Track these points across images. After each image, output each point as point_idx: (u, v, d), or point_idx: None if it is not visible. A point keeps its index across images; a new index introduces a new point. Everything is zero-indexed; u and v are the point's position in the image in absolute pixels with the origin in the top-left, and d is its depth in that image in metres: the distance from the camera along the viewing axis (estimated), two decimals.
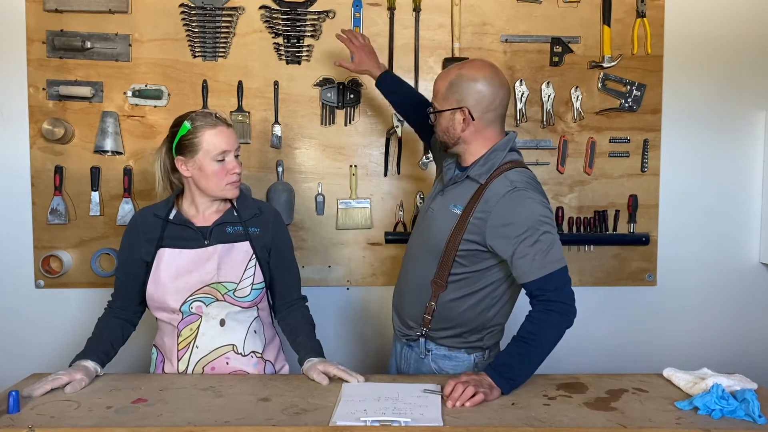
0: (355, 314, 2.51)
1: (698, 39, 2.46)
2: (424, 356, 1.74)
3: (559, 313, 1.53)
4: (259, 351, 1.71)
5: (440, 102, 1.66)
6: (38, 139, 2.33)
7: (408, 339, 1.78)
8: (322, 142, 2.41)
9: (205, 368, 1.66)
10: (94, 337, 1.67)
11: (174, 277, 1.62)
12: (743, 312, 2.55)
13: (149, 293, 1.64)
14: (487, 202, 1.58)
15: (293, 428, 1.29)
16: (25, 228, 2.36)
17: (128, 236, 1.70)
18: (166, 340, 1.69)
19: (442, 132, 1.67)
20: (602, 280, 2.48)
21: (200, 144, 1.59)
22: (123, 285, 1.72)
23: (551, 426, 1.31)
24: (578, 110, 2.42)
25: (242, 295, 1.64)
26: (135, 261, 1.67)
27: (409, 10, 2.39)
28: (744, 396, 1.38)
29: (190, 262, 1.63)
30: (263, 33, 2.37)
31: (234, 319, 1.67)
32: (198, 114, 1.63)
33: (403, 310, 1.79)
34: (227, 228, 1.67)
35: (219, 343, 1.66)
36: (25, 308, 2.40)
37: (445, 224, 1.64)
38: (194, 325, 1.65)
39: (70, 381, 1.50)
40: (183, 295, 1.62)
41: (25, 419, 1.32)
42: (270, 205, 1.84)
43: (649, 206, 2.47)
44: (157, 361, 1.73)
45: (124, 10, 2.31)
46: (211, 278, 1.62)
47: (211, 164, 1.59)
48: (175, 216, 1.67)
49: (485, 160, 1.63)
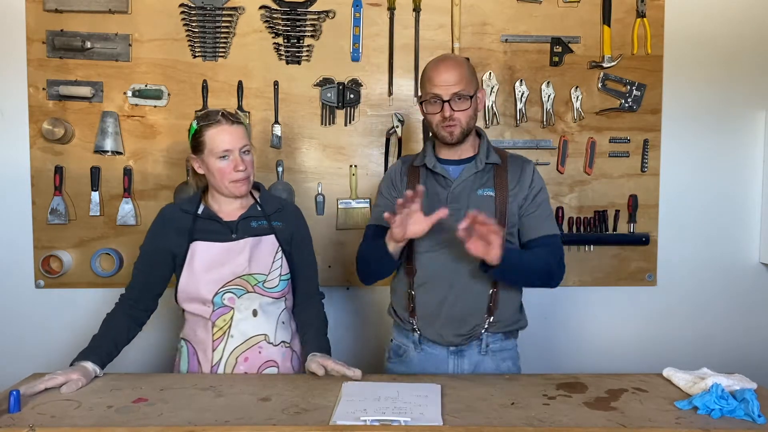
0: (356, 314, 2.51)
1: (698, 39, 2.47)
2: (485, 353, 1.74)
3: (562, 265, 1.71)
4: (287, 341, 1.76)
5: (467, 86, 1.65)
6: (38, 139, 2.33)
7: (463, 341, 1.73)
8: (322, 142, 2.41)
9: (239, 358, 1.69)
10: (99, 336, 1.66)
11: (207, 269, 1.67)
12: (743, 312, 2.55)
13: (182, 284, 1.68)
14: (516, 175, 1.72)
15: (293, 428, 1.29)
16: (25, 228, 2.36)
17: (156, 229, 1.74)
18: (199, 332, 1.72)
19: (469, 118, 1.68)
20: (602, 280, 2.48)
21: (205, 143, 1.64)
22: (143, 276, 1.73)
23: (551, 426, 1.31)
24: (578, 110, 2.42)
25: (271, 286, 1.71)
26: (161, 252, 1.71)
27: (409, 10, 2.40)
28: (743, 396, 1.38)
29: (221, 255, 1.69)
30: (263, 33, 2.37)
31: (265, 310, 1.72)
32: (205, 113, 1.69)
33: (455, 316, 1.72)
34: (252, 222, 1.73)
35: (253, 332, 1.70)
36: (25, 308, 2.40)
37: (484, 209, 1.62)
38: (227, 315, 1.69)
39: (66, 381, 1.50)
40: (216, 286, 1.67)
41: (26, 419, 1.32)
42: (291, 202, 1.90)
43: (649, 206, 2.47)
44: (188, 354, 1.74)
45: (124, 10, 2.32)
46: (242, 270, 1.68)
47: (216, 162, 1.64)
48: (203, 211, 1.73)
49: (490, 146, 1.76)
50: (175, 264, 1.72)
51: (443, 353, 1.76)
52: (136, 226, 2.37)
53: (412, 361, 1.80)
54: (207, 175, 1.69)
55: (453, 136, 1.67)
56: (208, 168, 1.66)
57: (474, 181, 1.72)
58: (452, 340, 1.74)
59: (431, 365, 1.77)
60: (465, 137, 1.70)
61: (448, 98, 1.63)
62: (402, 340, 1.84)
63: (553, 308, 2.49)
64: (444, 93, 1.64)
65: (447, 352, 1.76)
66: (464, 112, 1.66)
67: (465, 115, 1.66)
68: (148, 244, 1.75)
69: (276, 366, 1.73)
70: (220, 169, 1.64)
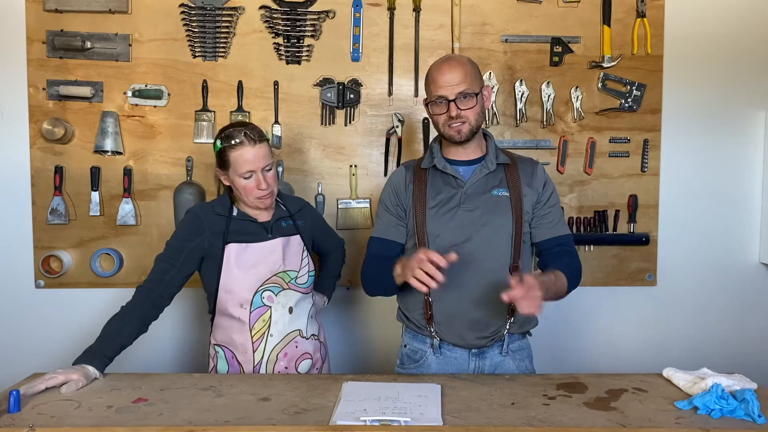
0: (356, 314, 2.51)
1: (698, 39, 2.47)
2: (506, 354, 1.74)
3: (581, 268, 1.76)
4: (316, 333, 1.88)
5: (472, 84, 1.66)
6: (38, 139, 2.33)
7: (487, 342, 1.72)
8: (322, 142, 2.41)
9: (279, 354, 1.77)
10: (106, 337, 1.63)
11: (246, 270, 1.75)
12: (743, 312, 2.55)
13: (223, 286, 1.75)
14: (527, 175, 1.74)
15: (293, 428, 1.29)
16: (25, 228, 2.36)
17: (191, 227, 1.77)
18: (236, 336, 1.77)
19: (477, 116, 1.68)
20: (602, 280, 2.48)
21: (229, 162, 1.73)
22: (168, 270, 1.73)
23: (551, 426, 1.31)
24: (578, 110, 2.42)
25: (302, 282, 1.83)
26: (193, 250, 1.75)
27: (409, 10, 2.40)
28: (743, 396, 1.38)
29: (257, 255, 1.77)
30: (263, 33, 2.37)
31: (299, 306, 1.82)
32: (228, 133, 1.73)
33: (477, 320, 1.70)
34: (282, 223, 1.84)
35: (290, 329, 1.80)
36: (25, 308, 2.40)
37: (503, 209, 1.69)
38: (265, 315, 1.77)
39: (66, 380, 1.50)
40: (255, 286, 1.75)
41: (26, 419, 1.32)
42: (301, 198, 1.99)
43: (649, 206, 2.47)
44: (227, 357, 1.79)
45: (124, 10, 2.32)
46: (278, 268, 1.78)
47: (240, 180, 1.73)
48: (238, 213, 1.80)
49: (496, 147, 1.77)
50: (200, 265, 1.78)
51: (464, 355, 1.75)
52: (136, 226, 2.37)
53: (431, 365, 1.77)
54: (233, 188, 1.77)
55: (461, 134, 1.67)
56: (234, 184, 1.75)
57: (487, 181, 1.72)
58: (474, 342, 1.73)
59: (452, 368, 1.75)
60: (473, 135, 1.69)
61: (454, 98, 1.64)
62: (418, 346, 1.79)
63: (553, 308, 2.45)
64: (449, 93, 1.64)
65: (468, 354, 1.74)
66: (471, 110, 1.66)
67: (473, 113, 1.66)
68: (181, 240, 1.75)
69: (310, 358, 1.83)
70: (244, 187, 1.73)
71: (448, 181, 1.73)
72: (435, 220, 1.70)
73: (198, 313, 2.41)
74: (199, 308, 2.40)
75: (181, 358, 2.45)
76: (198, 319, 2.42)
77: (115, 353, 1.63)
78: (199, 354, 2.40)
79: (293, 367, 1.80)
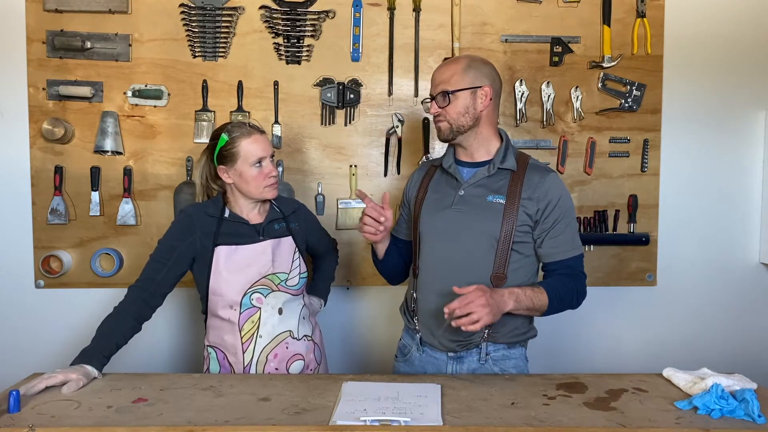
0: (356, 314, 2.51)
1: (698, 39, 2.47)
2: (484, 361, 1.70)
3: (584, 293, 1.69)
4: (309, 334, 1.88)
5: (455, 83, 1.65)
6: (38, 139, 2.33)
7: (460, 348, 1.70)
8: (322, 142, 2.41)
9: (269, 355, 1.78)
10: (102, 337, 1.64)
11: (235, 272, 1.75)
12: (743, 312, 2.55)
13: (212, 288, 1.76)
14: (532, 185, 1.66)
15: (293, 428, 1.29)
16: (25, 228, 2.36)
17: (183, 227, 1.78)
18: (227, 337, 1.78)
19: (457, 115, 1.66)
20: (602, 280, 2.48)
21: (238, 153, 1.74)
22: (161, 269, 1.74)
23: (551, 426, 1.31)
24: (578, 110, 2.42)
25: (293, 284, 1.83)
26: (185, 250, 1.76)
27: (409, 10, 2.40)
28: (743, 396, 1.38)
29: (247, 257, 1.77)
30: (263, 33, 2.37)
31: (289, 307, 1.82)
32: (234, 125, 1.78)
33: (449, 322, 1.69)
34: (275, 225, 1.84)
35: (279, 330, 1.80)
36: (25, 308, 2.40)
37: (493, 216, 1.65)
38: (255, 317, 1.77)
39: (66, 380, 1.50)
40: (244, 288, 1.75)
41: (26, 419, 1.32)
42: (296, 200, 2.01)
43: (649, 206, 2.47)
44: (218, 358, 1.81)
45: (124, 10, 2.32)
46: (267, 270, 1.78)
47: (250, 170, 1.74)
48: (230, 215, 1.80)
49: (510, 151, 1.71)
50: (191, 265, 1.78)
51: (443, 357, 1.75)
52: (136, 226, 2.37)
53: (415, 362, 1.80)
54: (238, 183, 1.77)
55: (441, 132, 1.71)
56: (241, 176, 1.75)
57: (487, 186, 1.69)
58: (449, 345, 1.72)
59: (432, 368, 1.76)
60: (456, 135, 1.69)
61: (434, 96, 1.69)
62: (408, 341, 1.85)
63: None
64: (432, 91, 1.71)
65: (446, 357, 1.74)
66: (448, 109, 1.66)
67: (453, 112, 1.66)
68: (173, 239, 1.77)
69: (302, 359, 1.83)
70: (255, 176, 1.74)
71: (449, 182, 1.74)
72: (426, 217, 1.75)
73: (195, 314, 2.41)
74: (195, 309, 2.40)
75: (177, 359, 2.45)
76: (194, 319, 2.42)
77: (112, 353, 1.64)
78: (195, 355, 2.40)
79: (284, 368, 1.79)
